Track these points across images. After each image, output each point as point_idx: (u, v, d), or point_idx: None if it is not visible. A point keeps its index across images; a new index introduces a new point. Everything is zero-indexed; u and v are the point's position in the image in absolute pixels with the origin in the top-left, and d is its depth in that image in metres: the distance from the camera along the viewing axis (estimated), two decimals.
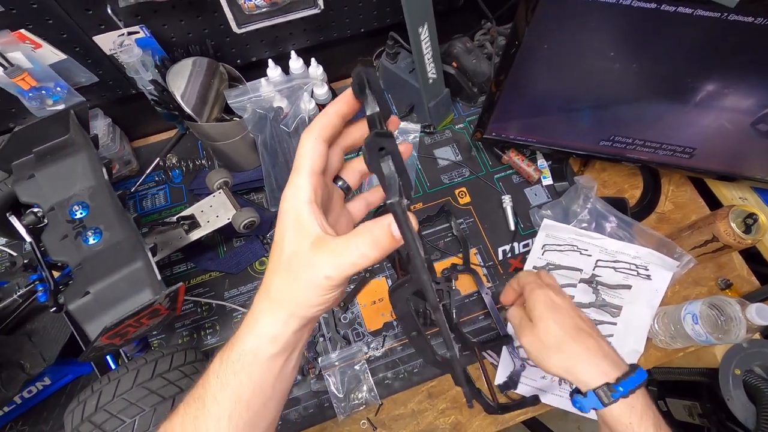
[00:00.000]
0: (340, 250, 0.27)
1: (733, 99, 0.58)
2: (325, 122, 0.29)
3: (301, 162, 0.29)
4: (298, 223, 0.28)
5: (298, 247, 0.28)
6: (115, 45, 0.64)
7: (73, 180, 0.54)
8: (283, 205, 0.29)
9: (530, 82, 0.65)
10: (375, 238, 0.26)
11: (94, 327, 0.47)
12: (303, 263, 0.28)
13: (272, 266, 0.29)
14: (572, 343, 0.49)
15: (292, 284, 0.28)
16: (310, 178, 0.28)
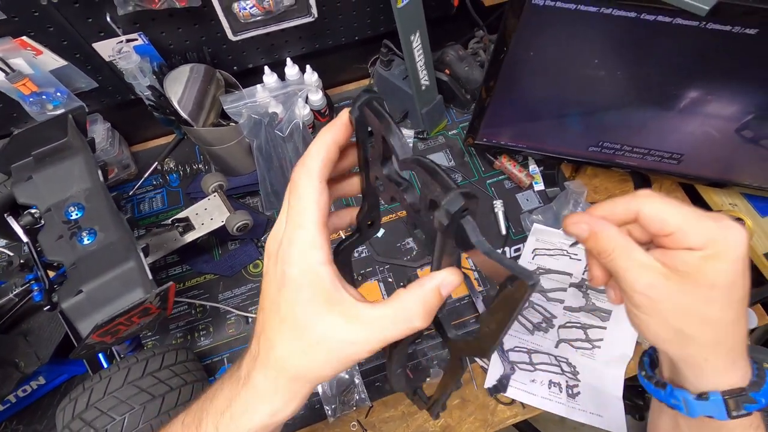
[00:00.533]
0: (380, 322, 0.24)
1: (716, 106, 0.59)
2: (324, 158, 0.25)
3: (304, 213, 0.24)
4: (316, 292, 0.24)
5: (318, 318, 0.24)
6: (114, 52, 0.66)
7: (70, 182, 0.56)
8: (290, 269, 0.24)
9: (518, 89, 0.67)
10: (426, 301, 0.24)
11: (86, 325, 0.48)
12: (328, 337, 0.24)
13: (278, 335, 0.25)
14: (736, 315, 0.28)
15: (313, 359, 0.24)
16: (321, 234, 0.24)
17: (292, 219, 0.25)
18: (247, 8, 0.66)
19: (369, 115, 0.24)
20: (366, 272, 0.79)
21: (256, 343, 0.27)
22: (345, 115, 0.26)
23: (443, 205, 0.20)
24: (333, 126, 0.26)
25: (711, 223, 0.27)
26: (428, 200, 0.22)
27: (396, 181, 0.26)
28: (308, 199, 0.24)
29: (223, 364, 0.73)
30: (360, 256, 0.81)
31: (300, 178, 0.25)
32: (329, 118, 0.92)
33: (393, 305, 0.24)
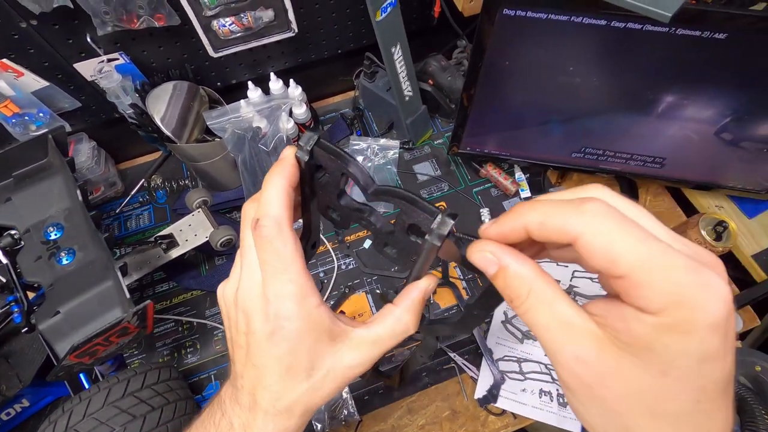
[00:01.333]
0: (380, 339, 0.26)
1: (693, 110, 0.59)
2: (285, 203, 0.24)
3: (289, 267, 0.24)
4: (320, 333, 0.25)
5: (325, 355, 0.25)
6: (95, 71, 0.66)
7: (49, 202, 0.56)
8: (289, 323, 0.24)
9: (498, 97, 0.67)
10: (416, 310, 0.26)
11: (63, 346, 0.48)
12: (336, 367, 0.25)
13: (284, 384, 0.25)
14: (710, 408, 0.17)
15: (322, 392, 0.26)
16: (308, 281, 0.24)
17: (276, 276, 0.24)
18: (227, 25, 0.67)
19: (320, 153, 0.24)
20: (353, 284, 0.79)
21: (248, 395, 0.26)
22: (291, 155, 0.25)
23: (435, 230, 0.22)
24: (283, 169, 0.25)
25: (681, 273, 0.16)
26: (407, 225, 0.24)
27: (357, 208, 0.27)
28: (289, 254, 0.24)
29: (210, 381, 0.72)
30: (347, 268, 0.80)
31: (271, 234, 0.24)
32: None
33: (388, 321, 0.26)
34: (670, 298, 0.16)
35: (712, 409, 0.17)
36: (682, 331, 0.16)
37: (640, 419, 0.18)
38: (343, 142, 0.93)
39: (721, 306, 0.16)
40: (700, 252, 0.17)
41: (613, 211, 0.17)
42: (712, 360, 0.16)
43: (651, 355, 0.17)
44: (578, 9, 0.50)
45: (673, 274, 0.16)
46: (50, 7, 0.55)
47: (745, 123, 0.60)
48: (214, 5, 0.64)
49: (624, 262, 0.17)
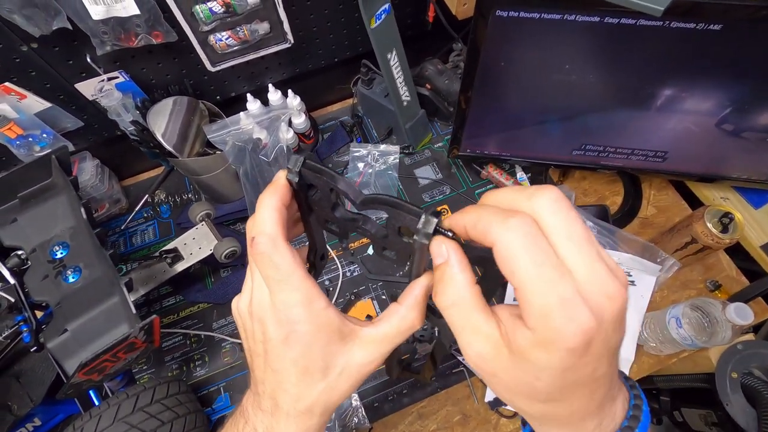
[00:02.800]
0: (387, 336, 0.27)
1: (692, 102, 0.59)
2: (278, 221, 0.26)
3: (291, 278, 0.25)
4: (331, 333, 0.26)
5: (338, 354, 0.27)
6: (96, 91, 0.67)
7: (54, 221, 0.56)
8: (300, 327, 0.26)
9: (495, 98, 0.67)
10: (420, 306, 0.27)
11: (72, 363, 0.48)
12: (349, 365, 0.27)
13: (302, 386, 0.27)
14: (570, 397, 0.23)
15: (339, 390, 0.27)
16: (312, 286, 0.26)
17: (279, 287, 0.25)
18: (223, 39, 0.68)
19: (308, 173, 0.26)
20: (359, 291, 0.79)
21: (269, 399, 0.28)
22: (282, 178, 0.27)
23: (421, 230, 0.23)
24: (275, 190, 0.27)
25: (554, 302, 0.19)
26: (397, 227, 0.26)
27: (351, 219, 0.29)
28: (287, 265, 0.25)
29: (220, 393, 0.72)
30: (352, 275, 0.80)
31: (267, 249, 0.25)
32: (315, 139, 0.92)
33: (394, 318, 0.27)
34: (542, 321, 0.20)
35: (573, 398, 0.23)
36: (547, 349, 0.20)
37: (522, 402, 0.24)
38: (344, 149, 0.93)
39: (577, 336, 0.19)
40: (602, 281, 0.20)
41: (530, 233, 0.20)
42: (571, 370, 0.21)
43: (527, 364, 0.21)
44: (571, 7, 0.50)
45: (549, 300, 0.19)
46: (50, 29, 0.56)
47: (746, 113, 0.59)
48: (210, 20, 0.65)
49: (518, 278, 0.20)
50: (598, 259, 0.20)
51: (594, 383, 0.22)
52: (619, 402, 0.25)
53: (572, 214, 0.21)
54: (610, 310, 0.20)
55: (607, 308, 0.20)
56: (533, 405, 0.24)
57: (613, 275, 0.20)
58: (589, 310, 0.19)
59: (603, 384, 0.23)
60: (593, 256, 0.20)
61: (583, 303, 0.19)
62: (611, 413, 0.25)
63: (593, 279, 0.20)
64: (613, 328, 0.20)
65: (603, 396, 0.23)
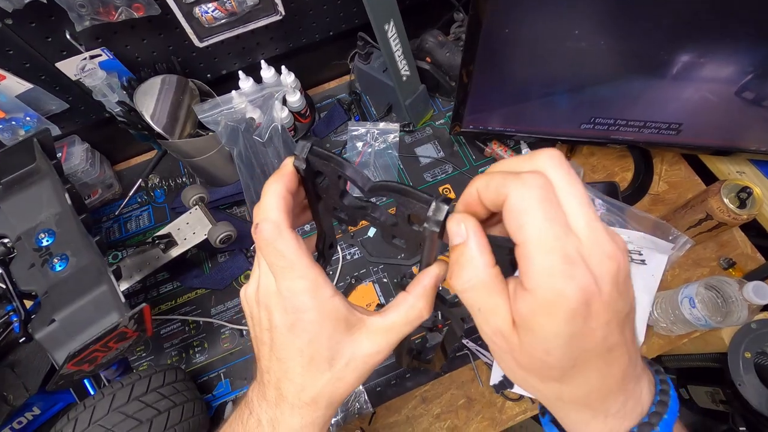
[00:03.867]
0: (396, 326, 0.27)
1: (711, 69, 0.55)
2: (283, 208, 0.25)
3: (296, 266, 0.25)
4: (337, 322, 0.26)
5: (344, 344, 0.26)
6: (78, 70, 0.64)
7: (39, 208, 0.54)
8: (306, 315, 0.25)
9: (499, 69, 0.63)
10: (428, 296, 0.26)
11: (61, 354, 0.46)
12: (356, 356, 0.26)
13: (307, 376, 0.26)
14: (584, 369, 0.22)
15: (345, 382, 0.27)
16: (319, 274, 0.25)
17: (285, 274, 0.25)
18: (209, 12, 0.64)
19: (315, 160, 0.25)
20: (360, 274, 0.77)
21: (274, 389, 0.27)
22: (289, 165, 0.26)
23: (431, 217, 0.22)
24: (281, 176, 0.26)
25: (557, 260, 0.18)
26: (406, 215, 0.25)
27: (360, 206, 0.28)
28: (292, 252, 0.25)
29: (220, 379, 0.71)
30: (353, 258, 0.78)
31: (271, 236, 0.25)
32: (311, 118, 0.89)
33: (402, 308, 0.27)
34: (543, 280, 0.19)
35: (588, 371, 0.21)
36: (549, 313, 0.19)
37: (538, 382, 0.23)
38: (342, 128, 0.90)
39: (577, 295, 0.18)
40: (601, 242, 0.19)
41: (544, 187, 0.19)
42: (578, 336, 0.19)
43: (534, 336, 0.20)
44: None
45: (552, 258, 0.18)
46: (22, 3, 0.53)
47: None
48: None
49: (523, 232, 0.19)
50: (598, 220, 0.20)
51: (608, 354, 0.21)
52: (645, 384, 0.24)
53: (572, 173, 0.20)
54: (609, 270, 0.19)
55: (606, 268, 0.19)
56: (549, 385, 0.23)
57: (611, 238, 0.20)
58: (587, 269, 0.19)
59: (619, 356, 0.21)
60: (593, 216, 0.20)
61: (582, 262, 0.19)
62: (635, 395, 0.23)
63: (593, 238, 0.19)
64: (616, 290, 0.19)
65: (622, 372, 0.22)
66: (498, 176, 0.21)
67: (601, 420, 0.23)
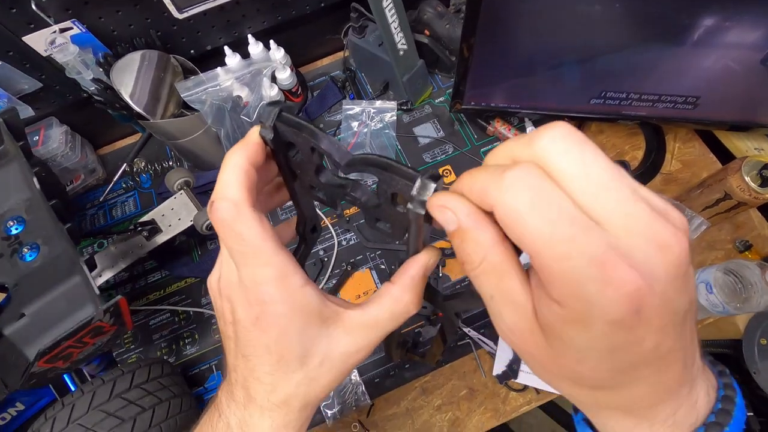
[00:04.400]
0: (378, 322, 0.24)
1: (736, 33, 0.50)
2: (244, 184, 0.22)
3: (259, 251, 0.21)
4: (308, 315, 0.23)
5: (318, 340, 0.23)
6: (48, 44, 0.59)
7: (6, 194, 0.50)
8: (272, 308, 0.22)
9: (503, 41, 0.58)
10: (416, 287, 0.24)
11: (31, 351, 0.43)
12: (332, 354, 0.23)
13: (277, 376, 0.23)
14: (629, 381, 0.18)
15: (319, 382, 0.24)
16: (287, 260, 0.22)
17: (246, 261, 0.22)
18: None
19: (284, 129, 0.22)
20: (356, 261, 0.73)
21: (242, 389, 0.25)
22: (255, 134, 0.23)
23: (415, 197, 0.19)
24: (244, 147, 0.22)
25: (582, 265, 0.15)
26: (389, 194, 0.22)
27: (338, 184, 0.25)
28: (254, 235, 0.21)
29: (212, 372, 0.68)
30: (348, 243, 0.74)
31: (228, 217, 0.21)
32: (303, 97, 0.84)
33: (386, 301, 0.24)
34: (569, 290, 0.15)
35: (633, 384, 0.17)
36: (583, 325, 0.16)
37: (567, 388, 0.19)
38: (336, 107, 0.85)
39: (620, 305, 0.15)
40: (646, 227, 0.15)
41: (533, 182, 0.16)
42: (622, 349, 0.16)
43: (563, 345, 0.17)
44: None
45: (571, 264, 0.15)
46: None
47: None
48: None
49: (529, 244, 0.15)
50: (636, 200, 0.15)
51: (660, 362, 0.17)
52: (702, 389, 0.20)
53: (588, 148, 0.16)
54: (663, 263, 0.15)
55: (658, 261, 0.15)
56: (581, 391, 0.19)
57: (662, 217, 0.15)
58: (632, 267, 0.14)
59: (674, 362, 0.17)
60: (627, 196, 0.15)
61: (620, 259, 0.14)
62: (690, 401, 0.19)
63: (632, 226, 0.15)
64: (673, 287, 0.15)
65: (676, 379, 0.18)
66: (480, 177, 0.17)
67: (646, 428, 0.19)
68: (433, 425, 0.64)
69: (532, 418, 1.36)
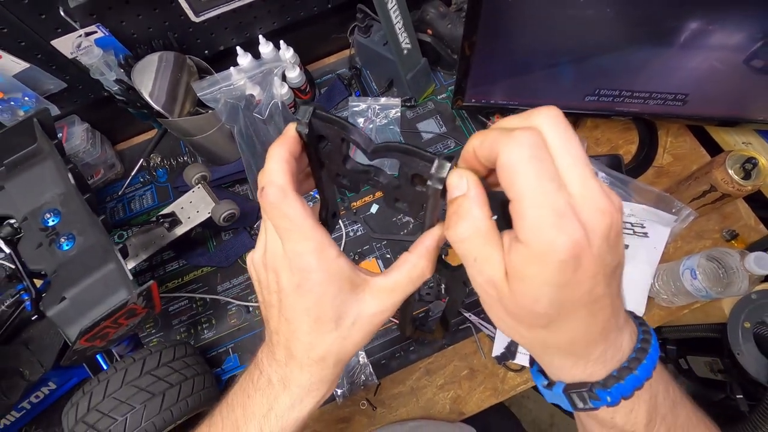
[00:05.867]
0: (399, 286, 0.27)
1: (719, 36, 0.53)
2: (287, 171, 0.25)
3: (302, 227, 0.25)
4: (342, 282, 0.26)
5: (350, 304, 0.27)
6: (74, 47, 0.63)
7: (43, 188, 0.54)
8: (312, 275, 0.26)
9: (502, 41, 0.62)
10: (431, 256, 0.27)
11: (73, 331, 0.47)
12: (362, 316, 0.27)
13: (315, 336, 0.27)
14: (569, 318, 0.23)
15: (351, 341, 0.28)
16: (324, 235, 0.26)
17: (290, 236, 0.25)
18: None
19: (318, 124, 0.26)
20: (363, 251, 0.77)
21: (284, 349, 0.29)
22: (292, 130, 0.26)
23: (434, 174, 0.23)
24: (284, 141, 0.26)
25: (548, 214, 0.19)
26: (410, 175, 0.25)
27: (363, 170, 0.28)
28: (296, 215, 0.25)
29: (228, 354, 0.73)
30: (356, 234, 0.78)
31: (276, 199, 0.25)
32: (312, 94, 0.88)
33: (405, 267, 0.27)
34: (534, 233, 0.20)
35: (573, 319, 0.22)
36: (540, 263, 0.20)
37: (524, 329, 0.24)
38: (342, 104, 0.88)
39: (567, 248, 0.19)
40: (594, 197, 0.20)
41: (536, 145, 0.20)
42: (567, 287, 0.20)
43: (525, 284, 0.21)
44: None
45: (542, 212, 0.19)
46: None
47: None
48: None
49: (515, 188, 0.20)
50: (593, 177, 0.20)
51: (593, 304, 0.22)
52: (626, 334, 0.25)
53: (570, 131, 0.21)
54: (600, 225, 0.20)
55: (597, 223, 0.20)
56: (535, 332, 0.24)
57: (606, 195, 0.20)
58: (579, 223, 0.19)
59: (603, 307, 0.22)
60: (588, 173, 0.20)
61: (573, 216, 0.19)
62: (617, 344, 0.25)
63: (586, 194, 0.20)
64: (606, 245, 0.20)
65: (605, 321, 0.23)
66: (492, 134, 0.21)
67: (582, 366, 0.25)
68: (437, 403, 0.68)
69: (531, 402, 1.41)
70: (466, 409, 0.68)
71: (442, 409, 0.68)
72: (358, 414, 0.69)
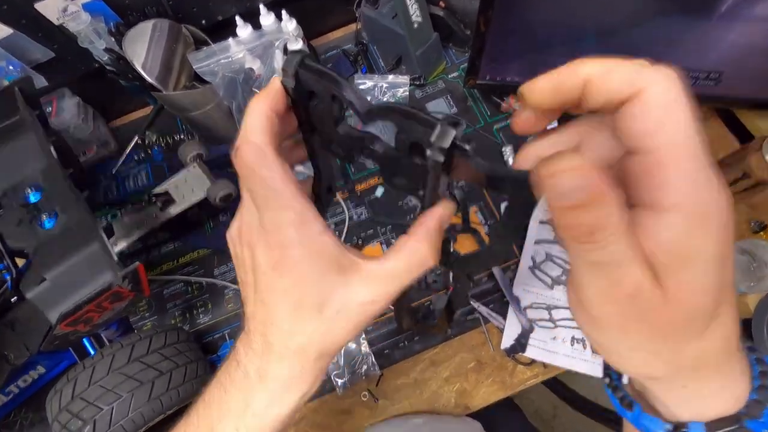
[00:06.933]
0: (396, 274, 0.23)
1: (766, 4, 0.48)
2: (267, 129, 0.22)
3: (281, 194, 0.22)
4: (327, 263, 0.23)
5: (335, 288, 0.23)
6: (60, 12, 0.59)
7: (24, 162, 0.51)
8: (291, 251, 0.22)
9: (520, 14, 0.57)
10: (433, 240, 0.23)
11: (54, 314, 0.44)
12: (349, 304, 0.23)
13: (294, 323, 0.23)
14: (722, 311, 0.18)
15: (336, 333, 0.24)
16: (308, 206, 0.22)
17: (268, 204, 0.22)
18: None
19: (306, 77, 0.22)
20: (367, 235, 0.74)
21: (260, 337, 0.25)
22: (277, 83, 0.23)
23: (435, 143, 0.19)
24: (267, 95, 0.23)
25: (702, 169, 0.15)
26: (408, 144, 0.21)
27: (357, 136, 0.24)
28: (277, 179, 0.22)
29: (225, 340, 0.70)
30: (359, 218, 0.75)
31: (253, 160, 0.22)
32: None
33: (403, 254, 0.23)
34: (696, 188, 0.15)
35: (722, 309, 0.17)
36: (703, 228, 0.15)
37: (670, 348, 0.18)
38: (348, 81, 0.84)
39: (726, 210, 0.16)
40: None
41: (680, 82, 0.16)
42: (726, 262, 0.16)
43: (685, 272, 0.16)
44: None
45: (701, 162, 0.15)
46: None
47: None
48: None
49: (665, 132, 0.15)
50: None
51: (730, 291, 0.17)
52: (744, 375, 0.20)
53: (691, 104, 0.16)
54: (728, 197, 0.16)
55: (726, 195, 0.16)
56: (685, 347, 0.18)
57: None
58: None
59: (732, 305, 0.18)
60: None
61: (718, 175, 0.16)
62: (743, 381, 0.20)
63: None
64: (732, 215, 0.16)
65: (734, 330, 0.18)
66: (624, 64, 0.17)
67: (729, 389, 0.20)
68: (441, 396, 0.65)
69: (534, 394, 1.39)
70: (472, 404, 0.65)
71: (447, 403, 0.65)
72: (359, 405, 0.66)
